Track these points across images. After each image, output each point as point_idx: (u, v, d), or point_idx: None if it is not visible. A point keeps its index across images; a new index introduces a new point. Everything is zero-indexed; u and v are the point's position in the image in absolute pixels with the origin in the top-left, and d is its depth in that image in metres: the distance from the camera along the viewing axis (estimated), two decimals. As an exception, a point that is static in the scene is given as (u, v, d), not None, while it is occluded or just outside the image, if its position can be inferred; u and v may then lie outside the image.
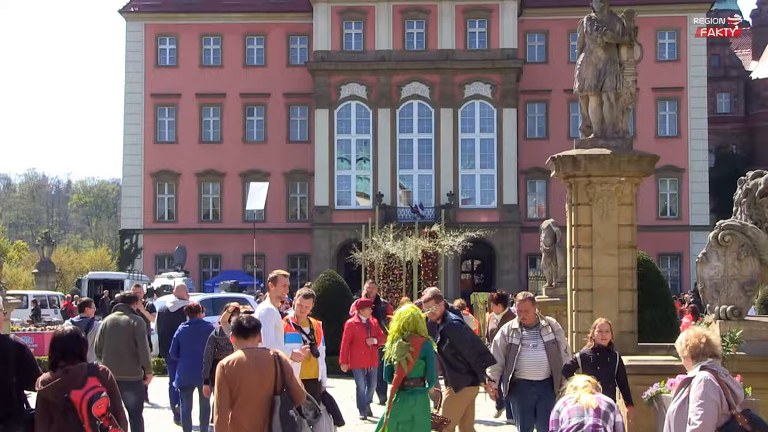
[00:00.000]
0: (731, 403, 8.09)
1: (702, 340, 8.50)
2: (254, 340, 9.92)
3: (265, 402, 9.49)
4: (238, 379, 9.52)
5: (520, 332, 12.90)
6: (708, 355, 8.40)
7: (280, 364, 9.66)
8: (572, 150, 17.59)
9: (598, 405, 8.64)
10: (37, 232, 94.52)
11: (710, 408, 7.95)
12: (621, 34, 17.57)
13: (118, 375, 15.68)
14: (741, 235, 13.51)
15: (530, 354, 12.68)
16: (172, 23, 70.42)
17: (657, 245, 55.33)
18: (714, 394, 7.98)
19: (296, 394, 9.78)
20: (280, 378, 9.59)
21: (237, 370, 9.57)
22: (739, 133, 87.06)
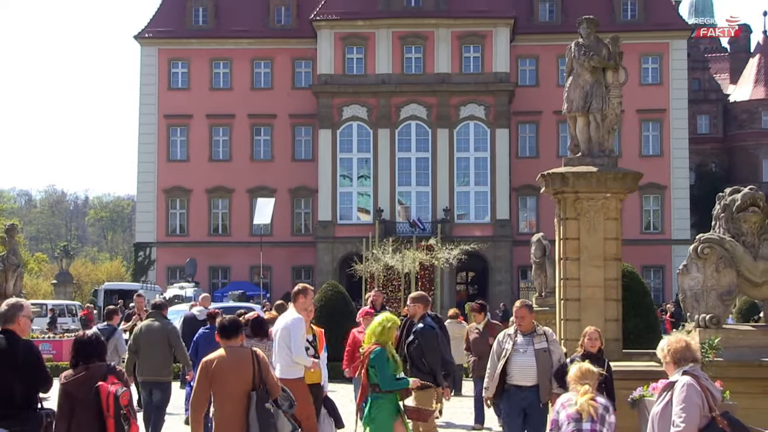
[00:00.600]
0: (711, 406, 8.10)
1: (683, 346, 8.49)
2: (236, 340, 10.27)
3: (243, 396, 9.78)
4: (219, 375, 9.88)
5: (514, 338, 12.76)
6: (689, 360, 8.40)
7: (257, 362, 9.97)
8: (561, 168, 17.60)
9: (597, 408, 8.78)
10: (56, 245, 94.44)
11: (693, 411, 7.96)
12: (607, 59, 17.59)
13: (151, 376, 16.26)
14: (719, 248, 13.53)
15: (519, 360, 12.52)
16: (184, 48, 70.53)
17: (641, 258, 55.28)
18: (696, 397, 7.99)
19: (272, 388, 10.05)
20: (258, 374, 9.87)
21: (218, 366, 9.93)
22: (718, 153, 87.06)
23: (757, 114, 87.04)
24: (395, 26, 67.49)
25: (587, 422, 8.76)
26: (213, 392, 10.02)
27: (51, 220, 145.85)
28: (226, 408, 9.95)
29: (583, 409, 8.83)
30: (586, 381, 9.22)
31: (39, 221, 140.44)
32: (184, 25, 70.69)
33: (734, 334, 13.41)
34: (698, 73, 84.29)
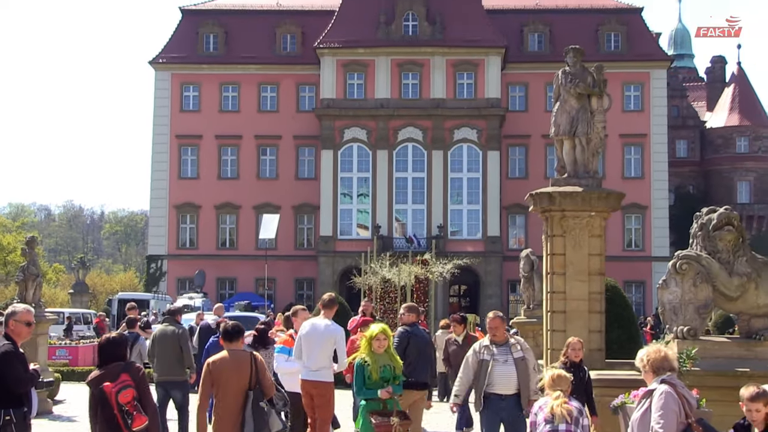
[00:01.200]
0: (687, 412, 8.12)
1: (661, 355, 8.53)
2: (238, 344, 10.96)
3: (241, 394, 10.41)
4: (220, 375, 10.51)
5: (491, 349, 12.65)
6: (667, 369, 8.45)
7: (255, 364, 10.61)
8: (548, 188, 17.60)
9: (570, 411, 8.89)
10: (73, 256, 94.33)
11: (671, 417, 7.97)
12: (592, 86, 17.61)
13: (167, 376, 16.31)
14: (696, 264, 13.53)
15: (501, 369, 12.40)
16: (196, 73, 70.61)
17: (623, 273, 55.26)
18: (674, 404, 8.01)
19: (267, 389, 10.67)
20: (254, 375, 10.49)
21: (220, 367, 10.58)
22: (696, 176, 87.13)
23: (731, 140, 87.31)
24: (393, 54, 67.62)
25: (562, 424, 8.96)
26: (215, 389, 10.56)
27: (69, 234, 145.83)
28: (226, 403, 10.50)
29: (556, 413, 9.04)
30: (558, 387, 9.41)
31: (57, 234, 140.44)
32: (196, 52, 70.81)
33: (710, 346, 13.42)
34: (677, 101, 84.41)
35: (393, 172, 66.82)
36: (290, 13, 71.77)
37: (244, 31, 70.75)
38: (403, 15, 68.11)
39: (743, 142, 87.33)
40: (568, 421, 9.02)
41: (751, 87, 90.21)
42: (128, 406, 9.49)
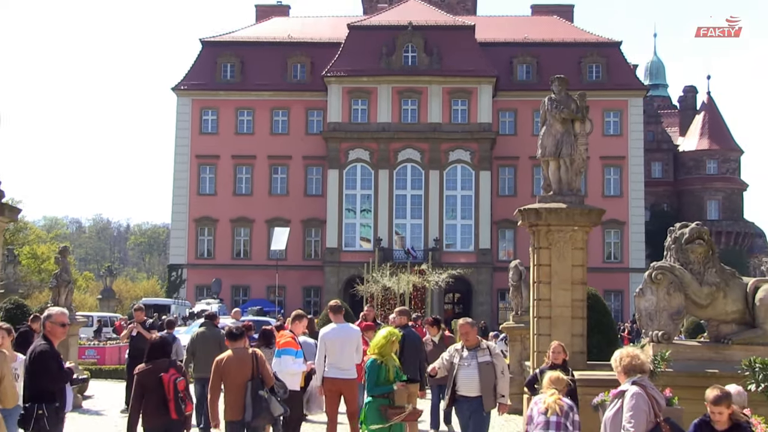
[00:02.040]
0: (656, 412, 8.14)
1: (633, 358, 8.52)
2: (240, 342, 11.71)
3: (244, 385, 11.21)
4: (227, 369, 11.31)
5: (461, 353, 12.39)
6: (638, 371, 8.44)
7: (256, 360, 11.46)
8: (535, 204, 17.60)
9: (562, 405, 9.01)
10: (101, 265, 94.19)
11: (640, 417, 7.99)
12: (575, 112, 17.63)
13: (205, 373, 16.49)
14: (670, 274, 13.55)
15: (465, 372, 12.14)
16: (214, 99, 70.68)
17: (603, 283, 55.12)
18: (644, 405, 8.03)
19: (267, 379, 11.49)
20: (256, 369, 11.32)
21: (226, 364, 11.38)
22: (669, 195, 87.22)
23: (702, 162, 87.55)
24: (394, 82, 67.73)
25: (553, 416, 9.15)
26: (223, 382, 11.34)
27: (97, 244, 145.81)
28: (232, 393, 11.29)
29: (550, 407, 9.22)
30: (555, 386, 9.56)
31: (87, 245, 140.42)
32: (214, 79, 70.91)
33: (683, 349, 13.46)
34: (652, 127, 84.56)
35: (393, 190, 66.83)
36: (300, 45, 71.88)
37: (258, 61, 70.86)
38: (403, 47, 68.24)
39: (713, 165, 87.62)
40: (558, 414, 9.18)
41: (719, 114, 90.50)
42: (182, 393, 10.41)
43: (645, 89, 73.88)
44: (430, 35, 68.45)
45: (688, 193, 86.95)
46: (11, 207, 19.42)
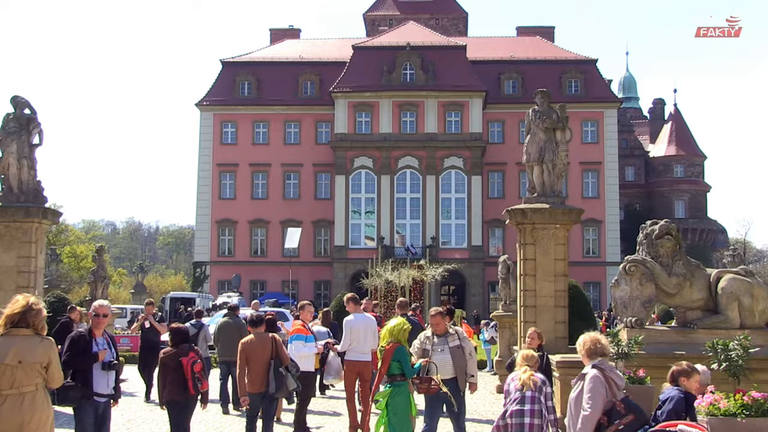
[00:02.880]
0: (614, 392, 8.08)
1: (595, 343, 8.42)
2: (261, 328, 12.65)
3: (265, 364, 12.14)
4: (251, 351, 12.22)
5: (432, 339, 12.21)
6: (599, 354, 8.32)
7: (275, 343, 12.40)
8: (522, 205, 17.62)
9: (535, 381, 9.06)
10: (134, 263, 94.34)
11: (597, 398, 7.95)
12: (556, 122, 17.66)
13: (229, 356, 16.54)
14: (642, 266, 13.56)
15: (439, 357, 11.89)
16: (233, 113, 70.73)
17: (582, 275, 55.17)
18: (601, 387, 7.99)
19: (284, 359, 12.38)
20: (274, 350, 12.29)
21: (250, 346, 12.30)
22: (641, 196, 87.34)
23: (670, 166, 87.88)
24: (394, 97, 67.75)
25: (528, 391, 9.16)
26: (248, 361, 12.18)
27: (130, 244, 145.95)
28: (256, 370, 12.15)
29: (525, 383, 9.24)
30: (526, 363, 9.59)
31: (121, 245, 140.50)
32: (233, 95, 70.96)
33: (654, 333, 13.45)
34: (625, 135, 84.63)
35: (394, 194, 66.85)
36: (310, 64, 71.93)
37: (272, 79, 70.92)
38: (402, 65, 68.26)
39: (679, 169, 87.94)
40: (532, 389, 9.19)
41: (685, 123, 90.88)
42: (199, 374, 11.30)
43: (618, 102, 73.88)
44: (426, 54, 68.48)
45: (658, 194, 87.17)
46: (53, 211, 19.50)
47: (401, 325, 11.70)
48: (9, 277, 17.99)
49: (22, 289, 17.03)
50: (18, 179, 18.32)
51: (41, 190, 18.62)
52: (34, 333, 7.51)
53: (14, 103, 18.31)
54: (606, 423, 7.96)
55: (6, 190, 18.30)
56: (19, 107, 18.34)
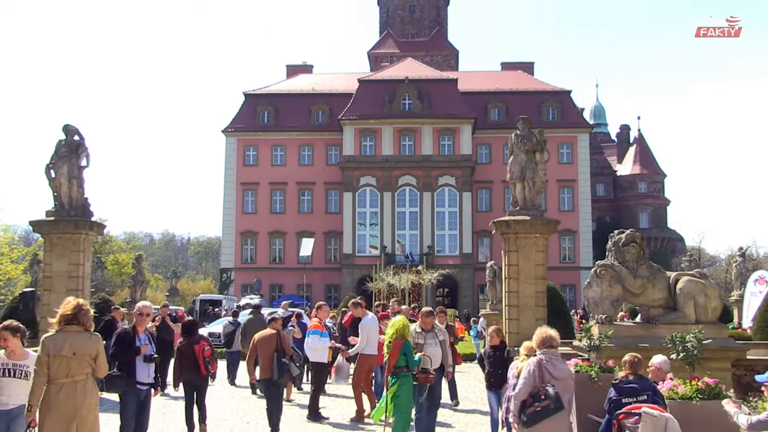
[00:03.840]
0: (543, 380, 7.93)
1: (544, 335, 8.30)
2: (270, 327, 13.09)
3: (271, 354, 12.57)
4: (260, 345, 12.79)
5: (423, 334, 12.23)
6: (547, 345, 8.20)
7: (279, 337, 12.88)
8: (506, 217, 17.68)
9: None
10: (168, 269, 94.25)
11: (526, 384, 7.91)
12: (536, 145, 17.74)
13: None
14: (611, 270, 13.62)
15: (431, 350, 11.97)
16: (254, 138, 70.79)
17: (559, 279, 55.09)
18: (532, 374, 7.93)
19: (287, 350, 12.85)
20: (279, 343, 12.73)
21: (259, 341, 12.86)
22: (610, 209, 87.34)
23: (635, 184, 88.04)
24: (395, 123, 67.79)
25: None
26: (258, 352, 12.82)
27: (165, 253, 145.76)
28: (264, 360, 12.64)
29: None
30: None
31: (157, 253, 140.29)
32: (254, 123, 71.04)
33: (621, 328, 13.50)
34: (596, 156, 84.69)
35: (395, 208, 66.84)
36: (321, 95, 72.08)
37: (288, 108, 71.05)
38: (401, 96, 68.37)
39: (643, 185, 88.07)
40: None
41: (647, 146, 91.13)
42: (209, 358, 12.43)
43: (590, 127, 73.91)
44: (422, 87, 68.60)
45: (625, 207, 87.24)
46: (99, 224, 19.61)
47: (404, 322, 11.76)
48: (61, 281, 18.09)
49: (71, 291, 17.13)
50: (69, 196, 18.46)
51: (88, 205, 18.74)
52: (84, 329, 7.66)
53: (65, 130, 18.50)
54: (530, 402, 7.92)
55: (58, 206, 18.48)
56: (70, 134, 18.52)
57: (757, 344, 20.18)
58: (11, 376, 7.78)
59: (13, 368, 7.81)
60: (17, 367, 7.83)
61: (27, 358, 7.94)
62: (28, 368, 7.80)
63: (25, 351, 8.03)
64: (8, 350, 7.88)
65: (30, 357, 7.97)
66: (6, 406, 7.70)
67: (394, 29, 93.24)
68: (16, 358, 7.88)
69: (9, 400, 7.73)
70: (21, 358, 7.93)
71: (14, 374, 7.79)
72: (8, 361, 7.84)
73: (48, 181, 18.51)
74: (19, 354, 7.93)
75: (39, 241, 27.15)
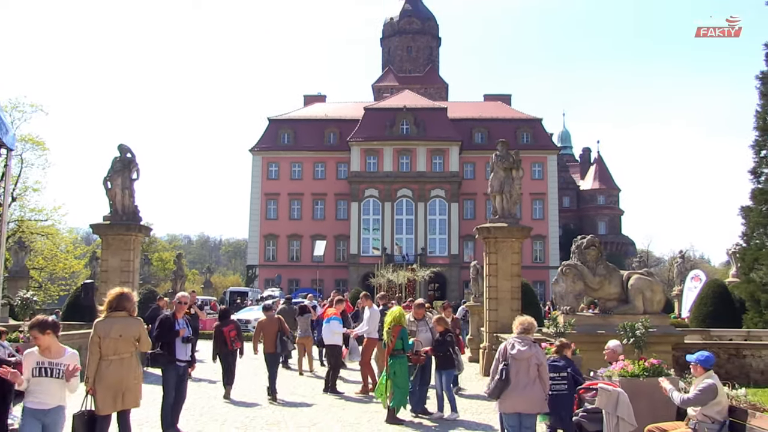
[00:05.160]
0: (502, 358, 7.70)
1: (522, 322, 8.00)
2: (271, 312, 14.80)
3: (274, 334, 14.16)
4: (265, 327, 14.32)
5: (416, 323, 12.37)
6: (521, 331, 7.86)
7: (280, 321, 14.41)
8: (487, 224, 17.75)
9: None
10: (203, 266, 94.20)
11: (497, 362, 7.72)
12: (512, 163, 17.82)
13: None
14: (574, 269, 13.67)
15: (423, 336, 12.11)
16: (276, 156, 70.86)
17: (531, 276, 55.03)
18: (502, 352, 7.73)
19: (286, 332, 14.38)
20: (280, 326, 14.35)
21: (264, 323, 14.41)
22: (574, 218, 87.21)
23: (595, 197, 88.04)
24: (394, 145, 67.86)
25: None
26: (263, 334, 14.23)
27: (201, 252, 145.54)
28: (268, 338, 14.12)
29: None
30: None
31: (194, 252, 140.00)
32: (276, 143, 71.09)
33: (582, 318, 13.50)
34: (563, 173, 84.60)
35: (394, 216, 66.87)
36: (333, 121, 72.16)
37: (305, 131, 71.17)
38: (400, 122, 68.47)
39: (601, 198, 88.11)
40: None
41: (605, 165, 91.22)
42: (235, 337, 13.41)
43: (557, 150, 73.99)
44: (417, 114, 68.72)
45: (586, 217, 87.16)
46: (146, 227, 19.71)
47: (401, 311, 11.84)
48: (115, 275, 18.19)
49: (123, 283, 17.20)
50: (122, 204, 18.60)
51: (137, 212, 18.86)
52: (128, 315, 7.69)
53: (120, 149, 18.71)
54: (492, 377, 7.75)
55: (113, 212, 18.65)
56: (123, 152, 18.76)
57: (692, 331, 20.30)
58: (48, 375, 6.35)
59: (50, 367, 6.38)
60: (54, 366, 6.39)
61: (63, 356, 6.49)
62: (64, 367, 6.41)
63: (61, 347, 6.56)
64: (42, 348, 6.43)
65: (66, 354, 6.53)
66: (46, 405, 6.32)
67: (394, 66, 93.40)
68: (51, 355, 6.42)
69: (47, 400, 6.34)
70: (57, 356, 6.46)
71: (51, 374, 6.35)
72: (43, 359, 6.40)
73: (105, 191, 18.71)
74: (54, 351, 6.48)
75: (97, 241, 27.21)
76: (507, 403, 7.43)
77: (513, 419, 7.45)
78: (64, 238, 46.57)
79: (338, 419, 11.34)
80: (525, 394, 7.35)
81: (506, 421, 7.59)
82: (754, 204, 24.11)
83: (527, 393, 7.36)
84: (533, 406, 7.41)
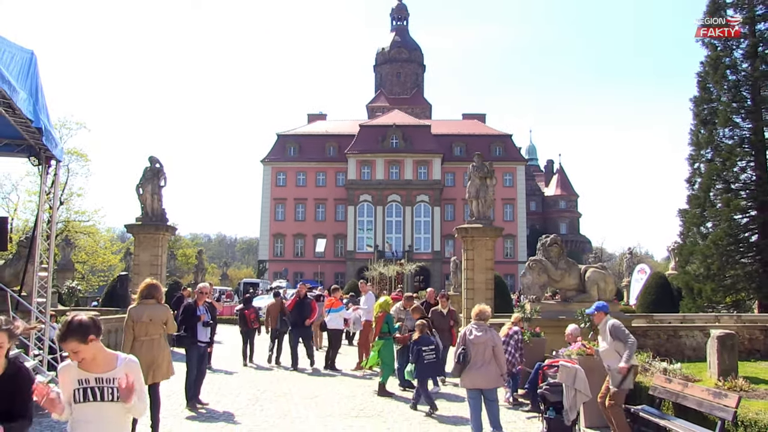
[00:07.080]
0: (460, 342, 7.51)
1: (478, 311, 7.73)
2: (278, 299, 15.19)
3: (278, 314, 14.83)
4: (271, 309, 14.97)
5: (405, 311, 12.24)
6: (477, 318, 7.62)
7: (282, 304, 14.98)
8: (465, 225, 17.80)
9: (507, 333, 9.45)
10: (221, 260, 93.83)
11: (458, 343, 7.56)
12: (487, 173, 17.88)
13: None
14: (539, 263, 13.72)
15: (410, 322, 11.74)
16: (284, 166, 70.72)
17: (503, 270, 55.22)
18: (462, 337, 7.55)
19: (285, 312, 14.68)
20: (282, 308, 14.88)
21: (270, 307, 15.08)
22: (540, 220, 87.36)
23: (557, 202, 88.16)
24: (385, 156, 67.92)
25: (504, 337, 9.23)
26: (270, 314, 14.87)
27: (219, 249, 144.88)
28: (271, 318, 14.84)
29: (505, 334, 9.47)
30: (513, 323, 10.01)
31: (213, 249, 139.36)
32: (284, 155, 70.98)
33: (546, 306, 13.53)
34: (530, 182, 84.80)
35: (385, 218, 66.89)
36: (333, 136, 72.09)
37: (309, 145, 71.09)
38: (391, 137, 68.52)
39: (563, 203, 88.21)
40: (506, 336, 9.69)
41: (566, 175, 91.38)
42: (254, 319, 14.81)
43: (525, 161, 74.24)
44: (405, 130, 68.79)
45: (550, 219, 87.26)
46: (172, 227, 19.67)
47: (388, 300, 11.89)
48: (145, 268, 18.16)
49: (152, 275, 17.14)
50: (151, 207, 18.58)
51: (165, 214, 18.84)
52: (157, 302, 7.72)
53: (150, 160, 18.70)
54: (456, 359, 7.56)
55: (144, 214, 18.65)
56: (153, 162, 18.76)
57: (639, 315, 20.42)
58: (95, 399, 3.45)
59: (97, 386, 3.47)
60: (103, 385, 3.48)
61: (115, 367, 3.54)
62: (116, 383, 3.48)
63: (110, 355, 3.58)
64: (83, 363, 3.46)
65: (120, 364, 3.55)
66: None
67: (385, 89, 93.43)
68: (98, 369, 3.50)
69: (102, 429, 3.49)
70: (106, 368, 3.52)
71: (100, 396, 3.46)
72: (87, 375, 3.48)
73: (137, 196, 18.71)
74: (102, 362, 3.52)
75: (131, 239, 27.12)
76: (467, 380, 7.36)
77: (473, 393, 7.39)
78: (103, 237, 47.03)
79: (336, 392, 11.37)
80: (482, 372, 7.28)
81: (468, 395, 7.62)
82: (690, 208, 24.57)
83: (483, 371, 7.28)
84: (490, 382, 7.38)
